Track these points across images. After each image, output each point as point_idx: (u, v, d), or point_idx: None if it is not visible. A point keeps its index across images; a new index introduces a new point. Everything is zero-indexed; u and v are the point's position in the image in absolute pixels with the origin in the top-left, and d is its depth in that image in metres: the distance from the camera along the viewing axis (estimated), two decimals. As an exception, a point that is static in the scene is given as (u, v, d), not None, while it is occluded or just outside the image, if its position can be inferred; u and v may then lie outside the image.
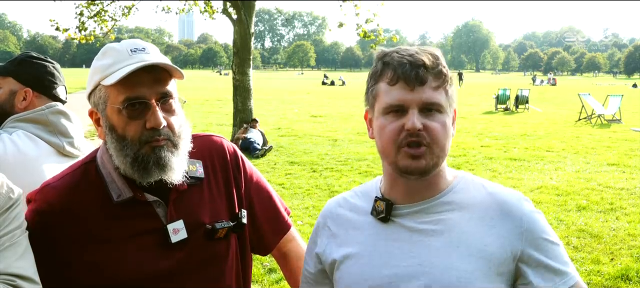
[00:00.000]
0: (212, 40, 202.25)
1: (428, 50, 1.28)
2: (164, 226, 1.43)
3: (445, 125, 1.26)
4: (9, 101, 1.97)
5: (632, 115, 19.56)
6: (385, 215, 1.32)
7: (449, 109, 1.29)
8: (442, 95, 1.25)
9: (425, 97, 1.23)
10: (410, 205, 1.31)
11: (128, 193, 1.40)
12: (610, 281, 4.76)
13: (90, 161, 1.48)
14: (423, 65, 1.23)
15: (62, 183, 1.44)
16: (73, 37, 13.88)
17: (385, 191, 1.36)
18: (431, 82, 1.24)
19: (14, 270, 1.24)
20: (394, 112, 1.25)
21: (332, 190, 8.03)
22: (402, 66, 1.24)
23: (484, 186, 1.34)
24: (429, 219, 1.29)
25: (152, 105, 1.35)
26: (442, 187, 1.32)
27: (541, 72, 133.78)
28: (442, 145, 1.26)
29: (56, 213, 1.40)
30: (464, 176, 1.36)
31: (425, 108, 1.24)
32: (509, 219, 1.26)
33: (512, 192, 1.33)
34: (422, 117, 1.23)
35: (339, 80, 53.34)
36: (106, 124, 1.39)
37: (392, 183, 1.34)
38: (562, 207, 7.16)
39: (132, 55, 1.37)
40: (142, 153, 1.35)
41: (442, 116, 1.26)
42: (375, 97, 1.30)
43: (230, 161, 1.60)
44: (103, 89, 1.37)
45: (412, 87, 1.23)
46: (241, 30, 12.40)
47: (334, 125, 16.55)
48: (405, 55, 1.25)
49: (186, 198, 1.47)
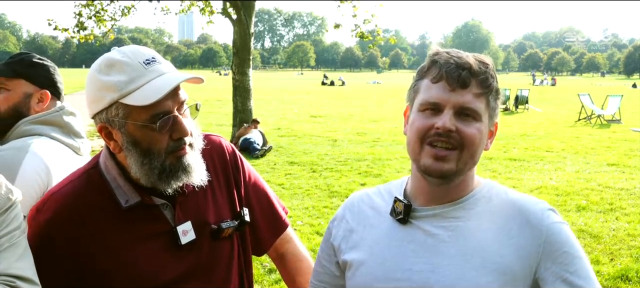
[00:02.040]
0: (211, 40, 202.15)
1: (480, 57, 1.24)
2: (173, 228, 1.43)
3: (480, 133, 1.21)
4: (25, 103, 1.92)
5: (631, 116, 19.56)
6: (403, 216, 1.29)
7: (488, 121, 1.25)
8: (482, 103, 1.21)
9: (464, 101, 1.19)
10: (429, 207, 1.27)
11: (136, 197, 1.40)
12: (610, 281, 4.76)
13: (93, 168, 1.46)
14: (469, 69, 1.20)
15: (67, 190, 1.42)
16: (72, 35, 13.87)
17: (410, 192, 1.33)
18: (474, 87, 1.20)
19: (14, 271, 1.24)
20: (430, 110, 1.21)
21: (332, 190, 8.02)
22: (447, 65, 1.20)
23: (506, 193, 1.29)
24: (446, 224, 1.25)
25: (177, 117, 1.35)
26: (464, 193, 1.27)
27: (541, 72, 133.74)
28: (473, 152, 1.22)
29: (64, 220, 1.38)
30: (488, 183, 1.32)
31: (462, 112, 1.20)
32: (529, 230, 1.19)
33: (535, 201, 1.26)
34: (457, 120, 1.19)
35: (339, 81, 53.36)
36: (127, 140, 1.35)
37: (416, 185, 1.31)
38: (561, 207, 7.16)
39: (148, 68, 1.34)
40: (168, 163, 1.36)
41: (478, 124, 1.21)
42: (416, 93, 1.26)
43: (230, 160, 1.60)
44: (121, 106, 1.32)
45: (452, 88, 1.19)
46: (241, 30, 12.40)
47: (333, 126, 16.55)
48: (454, 55, 1.22)
49: (192, 199, 1.47)
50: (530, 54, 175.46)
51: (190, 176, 1.39)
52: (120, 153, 1.39)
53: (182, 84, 1.38)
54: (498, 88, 1.26)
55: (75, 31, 13.72)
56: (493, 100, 1.24)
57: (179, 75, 1.35)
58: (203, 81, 1.41)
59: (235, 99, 12.72)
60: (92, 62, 1.42)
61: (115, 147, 1.39)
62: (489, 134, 1.28)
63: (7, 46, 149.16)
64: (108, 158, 1.43)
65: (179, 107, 1.37)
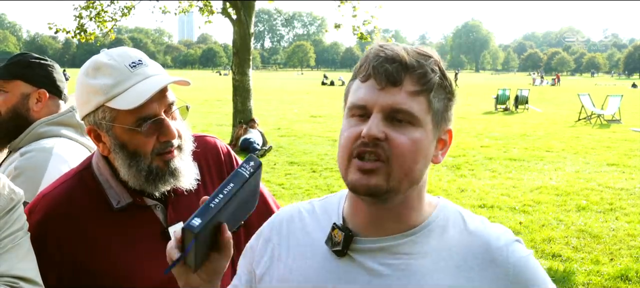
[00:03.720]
0: (211, 40, 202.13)
1: (420, 49, 1.02)
2: (165, 229, 1.43)
3: (415, 142, 0.98)
4: (23, 104, 1.92)
5: (631, 116, 19.56)
6: (341, 248, 1.05)
7: (434, 127, 1.01)
8: (420, 104, 0.98)
9: (394, 101, 0.97)
10: (374, 239, 1.04)
11: (127, 198, 1.40)
12: (610, 281, 4.77)
13: (85, 169, 1.47)
14: (400, 62, 0.98)
15: (60, 191, 1.43)
16: (73, 36, 13.87)
17: (347, 215, 1.09)
18: (408, 84, 0.98)
19: (17, 272, 1.24)
20: (357, 115, 1.01)
21: (332, 190, 8.02)
22: (376, 59, 0.99)
23: (465, 222, 1.07)
24: (395, 262, 1.03)
25: (164, 120, 1.35)
26: (415, 222, 1.05)
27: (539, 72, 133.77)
28: (407, 167, 0.98)
29: (57, 221, 1.39)
30: (443, 209, 1.09)
31: (393, 116, 0.98)
32: (493, 269, 1.01)
33: (497, 232, 1.06)
34: (387, 125, 0.97)
35: (339, 81, 53.33)
36: (114, 142, 1.36)
37: (353, 207, 1.08)
38: (561, 208, 7.16)
39: (133, 71, 1.34)
40: (155, 166, 1.36)
41: (415, 131, 0.98)
42: (347, 96, 1.05)
43: (225, 161, 1.60)
44: (108, 109, 1.33)
45: (381, 86, 0.98)
46: (241, 30, 12.40)
47: (333, 125, 16.54)
48: (386, 48, 1.00)
49: (184, 200, 1.46)
50: (530, 54, 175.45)
51: (179, 180, 1.39)
52: (110, 155, 1.40)
53: (176, 86, 1.39)
54: (447, 86, 1.03)
55: (76, 33, 13.71)
56: (439, 101, 1.01)
57: (163, 78, 1.35)
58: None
59: (235, 99, 12.73)
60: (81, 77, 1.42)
61: (104, 148, 1.39)
62: (440, 144, 1.05)
63: (7, 46, 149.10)
64: (100, 159, 1.44)
65: (167, 109, 1.37)
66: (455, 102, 1.06)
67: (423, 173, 1.03)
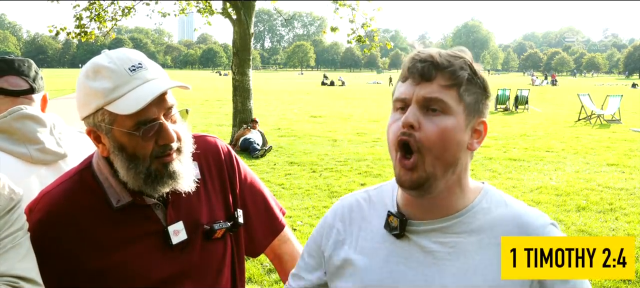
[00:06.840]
0: (211, 40, 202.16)
1: (452, 51, 1.19)
2: (165, 228, 1.43)
3: (446, 129, 1.13)
4: None
5: (631, 116, 19.57)
6: (399, 232, 1.22)
7: (467, 116, 1.15)
8: (451, 96, 1.13)
9: (426, 92, 1.13)
10: (427, 222, 1.21)
11: (127, 197, 1.40)
12: (610, 281, 4.77)
13: (86, 168, 1.47)
14: (431, 61, 1.14)
15: (60, 190, 1.43)
16: (74, 36, 13.87)
17: (401, 202, 1.26)
18: (440, 79, 1.14)
19: (17, 272, 1.24)
20: (399, 108, 1.18)
21: (332, 190, 8.03)
22: (412, 61, 1.17)
23: (506, 204, 1.22)
24: (446, 240, 1.19)
25: (163, 124, 1.35)
26: (462, 205, 1.20)
27: (540, 72, 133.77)
28: (437, 151, 1.13)
29: (57, 221, 1.39)
30: (487, 193, 1.24)
31: (427, 105, 1.13)
32: None
33: (536, 215, 1.20)
34: (423, 115, 1.14)
35: (339, 81, 53.36)
36: (113, 145, 1.36)
37: (405, 196, 1.24)
38: (561, 208, 7.17)
39: (133, 74, 1.34)
40: (154, 169, 1.36)
41: (447, 119, 1.13)
42: (393, 95, 1.22)
43: (225, 161, 1.60)
44: (107, 113, 1.33)
45: (417, 82, 1.15)
46: (241, 30, 12.40)
47: (333, 126, 16.55)
48: (420, 52, 1.18)
49: (184, 199, 1.47)
50: (530, 54, 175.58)
51: (177, 182, 1.39)
52: (110, 155, 1.40)
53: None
54: (478, 82, 1.17)
55: (77, 33, 13.71)
56: (470, 95, 1.16)
57: (163, 83, 1.35)
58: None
59: (235, 99, 12.73)
60: (81, 79, 1.42)
61: (104, 150, 1.40)
62: (476, 133, 1.19)
63: (7, 46, 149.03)
64: (100, 158, 1.44)
65: (166, 112, 1.37)
66: (489, 98, 1.20)
67: (456, 158, 1.16)
